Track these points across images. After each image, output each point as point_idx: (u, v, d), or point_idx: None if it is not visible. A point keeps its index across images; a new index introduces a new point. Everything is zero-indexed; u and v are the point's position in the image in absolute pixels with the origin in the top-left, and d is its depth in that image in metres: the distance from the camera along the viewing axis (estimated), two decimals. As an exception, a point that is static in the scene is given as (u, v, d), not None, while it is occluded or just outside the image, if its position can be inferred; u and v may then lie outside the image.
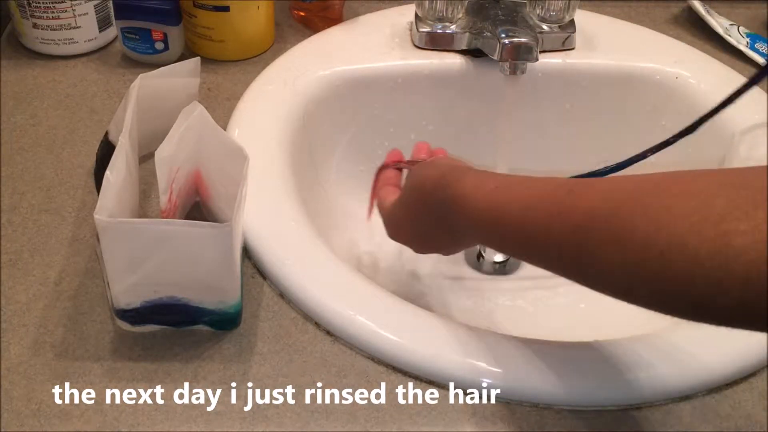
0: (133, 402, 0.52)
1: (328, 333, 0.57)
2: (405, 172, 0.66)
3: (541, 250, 0.46)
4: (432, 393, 0.54)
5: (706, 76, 0.78)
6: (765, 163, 0.39)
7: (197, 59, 0.66)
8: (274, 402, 0.53)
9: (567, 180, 0.46)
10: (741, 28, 0.86)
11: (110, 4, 0.78)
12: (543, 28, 0.77)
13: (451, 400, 0.53)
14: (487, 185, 0.50)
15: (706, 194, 0.37)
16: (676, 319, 0.59)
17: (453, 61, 0.77)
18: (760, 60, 0.82)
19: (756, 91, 0.77)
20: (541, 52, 0.72)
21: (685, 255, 0.37)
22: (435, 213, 0.54)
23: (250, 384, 0.53)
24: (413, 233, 0.59)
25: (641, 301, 0.41)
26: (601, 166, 0.65)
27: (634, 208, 0.39)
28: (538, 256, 0.47)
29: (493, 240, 0.50)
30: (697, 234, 0.36)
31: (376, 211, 0.65)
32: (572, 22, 0.78)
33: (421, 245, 0.60)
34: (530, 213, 0.45)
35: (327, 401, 0.53)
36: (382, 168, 0.67)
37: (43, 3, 0.75)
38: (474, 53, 0.77)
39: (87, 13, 0.77)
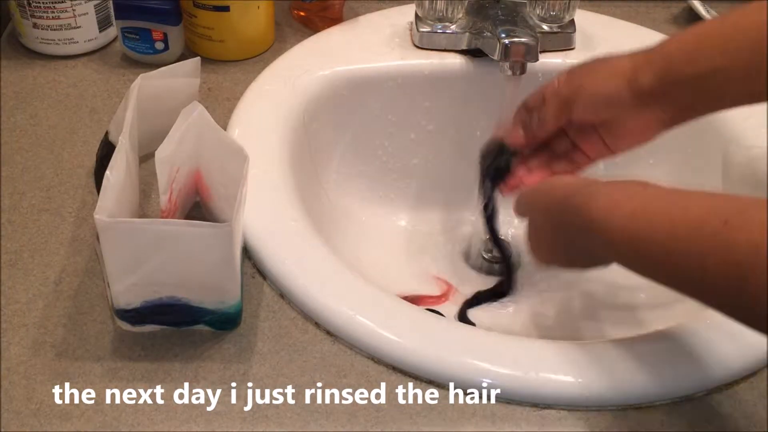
0: (133, 402, 0.52)
1: (328, 333, 0.57)
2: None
3: (694, 285, 0.44)
4: (432, 393, 0.54)
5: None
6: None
7: (197, 59, 0.66)
8: (274, 402, 0.53)
9: (716, 205, 0.43)
10: (741, 28, 0.86)
11: (110, 4, 0.78)
12: (543, 28, 0.77)
13: (451, 400, 0.53)
14: (623, 209, 0.46)
15: None
16: (675, 320, 0.59)
17: (453, 61, 0.77)
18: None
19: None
20: (541, 52, 0.72)
21: None
22: (571, 239, 0.51)
23: (250, 384, 0.53)
24: (558, 256, 0.57)
25: None
26: (599, 164, 0.64)
27: None
28: (690, 290, 0.44)
29: (637, 270, 0.47)
30: None
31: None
32: (572, 22, 0.78)
33: (572, 264, 0.57)
34: (680, 245, 0.43)
35: (327, 401, 0.53)
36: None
37: (43, 3, 0.75)
38: (474, 53, 0.77)
39: (87, 13, 0.77)
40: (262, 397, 0.53)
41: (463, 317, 0.71)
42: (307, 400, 0.53)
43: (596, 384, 0.53)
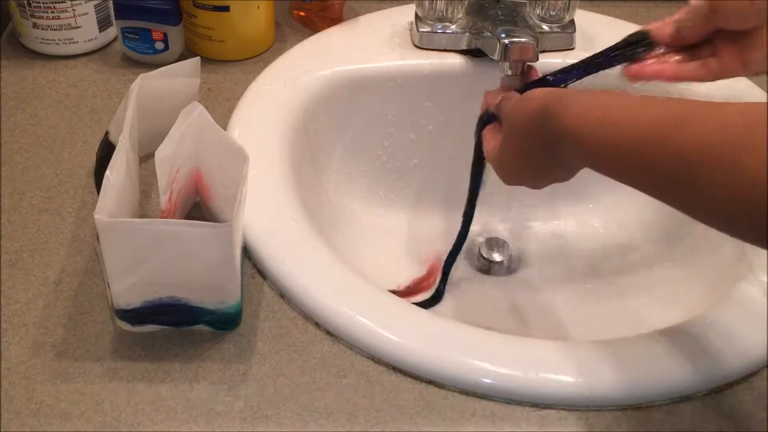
0: (133, 402, 0.52)
1: (328, 333, 0.57)
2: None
3: (650, 183, 0.47)
4: (432, 393, 0.54)
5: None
6: None
7: (197, 59, 0.66)
8: (274, 402, 0.53)
9: (672, 109, 0.46)
10: (741, 28, 0.86)
11: (110, 4, 0.78)
12: (543, 28, 0.77)
13: (451, 400, 0.53)
14: (593, 113, 0.50)
15: None
16: (675, 320, 0.59)
17: (453, 61, 0.77)
18: (760, 60, 0.82)
19: (757, 92, 0.77)
20: (541, 52, 0.72)
21: None
22: (545, 147, 0.54)
23: (250, 384, 0.53)
24: (527, 171, 0.58)
25: (744, 235, 0.42)
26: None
27: (743, 142, 0.40)
28: (648, 188, 0.47)
29: (603, 171, 0.50)
30: None
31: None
32: (572, 22, 0.78)
33: (537, 180, 0.59)
34: (639, 147, 0.46)
35: (327, 401, 0.53)
36: (481, 120, 0.66)
37: (43, 3, 0.75)
38: (474, 53, 0.77)
39: (87, 13, 0.77)
40: (262, 397, 0.53)
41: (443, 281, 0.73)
42: (307, 400, 0.53)
43: (596, 384, 0.53)
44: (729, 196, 0.41)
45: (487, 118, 0.65)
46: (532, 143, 0.55)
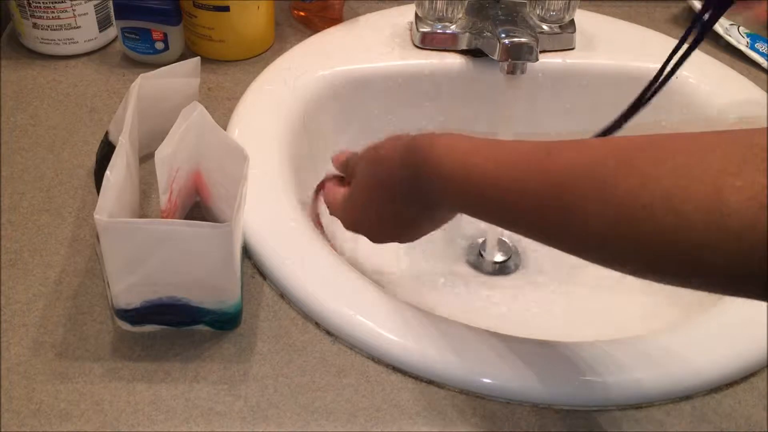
0: (133, 402, 0.52)
1: (328, 333, 0.57)
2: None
3: (518, 212, 0.44)
4: (432, 393, 0.54)
5: (706, 76, 0.78)
6: None
7: (197, 59, 0.66)
8: (274, 402, 0.53)
9: (547, 142, 0.44)
10: (741, 28, 0.86)
11: (110, 4, 0.78)
12: (543, 28, 0.77)
13: (450, 400, 0.53)
14: (461, 146, 0.48)
15: (701, 150, 0.36)
16: (675, 320, 0.59)
17: (453, 61, 0.77)
18: (760, 60, 0.82)
19: (757, 92, 0.77)
20: (541, 52, 0.72)
21: (671, 210, 0.35)
22: (404, 184, 0.51)
23: (250, 384, 0.53)
24: (378, 216, 0.56)
25: (626, 262, 0.40)
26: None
27: (618, 162, 0.38)
28: (516, 219, 0.45)
29: (467, 204, 0.48)
30: (685, 189, 0.35)
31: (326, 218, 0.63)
32: (572, 22, 0.78)
33: (387, 229, 0.57)
34: (506, 173, 0.44)
35: (327, 401, 0.53)
36: (321, 184, 0.65)
37: (43, 3, 0.75)
38: (474, 53, 0.77)
39: (87, 13, 0.77)
40: (262, 397, 0.53)
41: None
42: (307, 400, 0.53)
43: (596, 384, 0.53)
44: (603, 217, 0.38)
45: (323, 180, 0.64)
46: (388, 183, 0.53)
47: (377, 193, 0.55)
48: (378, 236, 0.59)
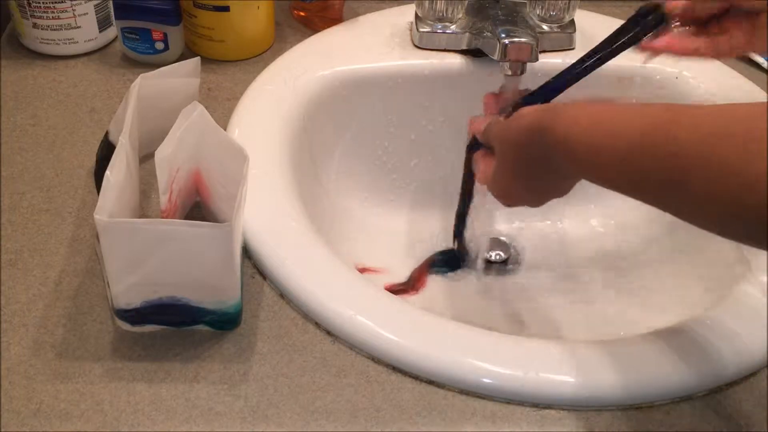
0: (133, 402, 0.52)
1: (328, 333, 0.57)
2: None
3: (642, 188, 0.47)
4: (432, 393, 0.54)
5: (706, 76, 0.78)
6: None
7: (197, 59, 0.66)
8: (274, 402, 0.53)
9: (658, 112, 0.46)
10: (741, 28, 0.86)
11: (110, 4, 0.78)
12: (543, 28, 0.77)
13: (451, 400, 0.53)
14: (581, 122, 0.50)
15: None
16: (675, 320, 0.59)
17: (453, 61, 0.77)
18: (760, 60, 0.82)
19: (757, 92, 0.77)
20: (541, 52, 0.72)
21: None
22: (538, 162, 0.54)
23: (250, 384, 0.53)
24: (524, 190, 0.59)
25: (738, 235, 0.42)
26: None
27: (727, 140, 0.40)
28: (640, 193, 0.47)
29: (596, 180, 0.50)
30: None
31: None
32: (572, 22, 0.78)
33: (536, 198, 0.59)
34: (629, 153, 0.46)
35: (327, 401, 0.53)
36: (469, 147, 0.67)
37: (43, 3, 0.75)
38: (474, 53, 0.77)
39: (87, 13, 0.77)
40: (262, 397, 0.53)
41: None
42: (307, 400, 0.53)
43: (596, 384, 0.53)
44: (720, 196, 0.41)
45: (474, 145, 0.65)
46: (526, 161, 0.55)
47: (517, 171, 0.57)
48: (536, 203, 0.60)
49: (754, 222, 0.39)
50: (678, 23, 0.63)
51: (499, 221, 0.81)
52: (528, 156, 0.55)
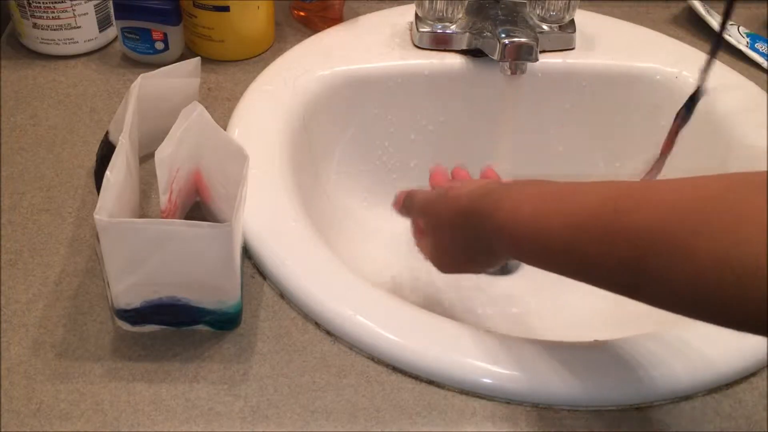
0: (133, 402, 0.52)
1: (328, 333, 0.57)
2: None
3: (596, 275, 0.45)
4: (432, 393, 0.54)
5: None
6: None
7: (197, 59, 0.66)
8: (274, 402, 0.53)
9: (607, 194, 0.44)
10: (741, 28, 0.86)
11: (110, 4, 0.78)
12: (543, 28, 0.77)
13: (451, 400, 0.53)
14: (523, 211, 0.48)
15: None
16: (675, 319, 0.59)
17: (453, 61, 0.77)
18: (760, 60, 0.82)
19: (757, 92, 0.77)
20: (541, 52, 0.72)
21: (760, 278, 0.35)
22: (479, 245, 0.53)
23: (250, 384, 0.53)
24: (465, 264, 0.58)
25: (709, 317, 0.40)
26: (600, 163, 0.65)
27: (697, 226, 0.38)
28: (593, 279, 0.45)
29: (544, 266, 0.49)
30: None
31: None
32: (572, 22, 0.78)
33: (478, 269, 0.60)
34: (577, 238, 0.44)
35: (327, 401, 0.53)
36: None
37: (43, 3, 0.75)
38: (474, 53, 0.77)
39: (87, 13, 0.77)
40: (262, 397, 0.53)
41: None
42: (307, 400, 0.53)
43: (596, 384, 0.53)
44: (687, 282, 0.38)
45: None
46: (461, 241, 0.55)
47: (451, 249, 0.57)
48: (472, 271, 0.60)
49: (738, 309, 0.37)
50: None
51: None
52: (463, 237, 0.54)
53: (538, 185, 0.50)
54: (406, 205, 0.62)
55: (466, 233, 0.53)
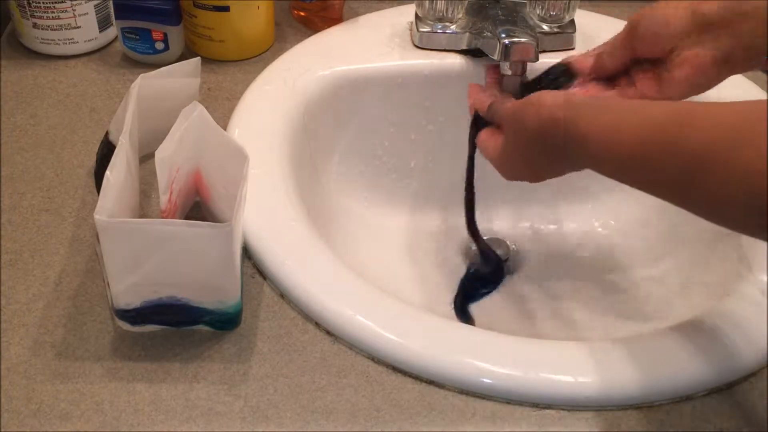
0: (133, 402, 0.52)
1: (328, 333, 0.57)
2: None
3: (655, 184, 0.49)
4: (432, 393, 0.54)
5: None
6: None
7: (197, 59, 0.66)
8: (274, 402, 0.53)
9: (673, 109, 0.48)
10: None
11: (110, 4, 0.78)
12: (543, 28, 0.77)
13: (451, 400, 0.53)
14: (602, 120, 0.52)
15: None
16: (675, 320, 0.59)
17: (453, 61, 0.77)
18: (760, 60, 0.82)
19: (757, 92, 0.77)
20: (541, 52, 0.72)
21: None
22: (556, 152, 0.55)
23: (250, 384, 0.53)
24: (531, 170, 0.60)
25: (748, 229, 0.44)
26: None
27: (743, 140, 0.42)
28: (653, 189, 0.49)
29: (610, 174, 0.52)
30: None
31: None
32: (572, 22, 0.78)
33: (541, 177, 0.61)
34: (644, 150, 0.48)
35: (327, 401, 0.53)
36: (475, 123, 0.68)
37: (43, 3, 0.75)
38: (474, 53, 0.77)
39: (87, 13, 0.77)
40: (262, 397, 0.53)
41: (464, 311, 0.73)
42: (307, 400, 0.53)
43: (596, 384, 0.53)
44: (731, 192, 0.42)
45: (479, 121, 0.66)
46: (539, 148, 0.56)
47: (527, 155, 0.59)
48: (535, 179, 0.62)
49: None
50: (588, 79, 0.65)
51: (499, 221, 0.81)
52: (543, 145, 0.56)
53: (614, 99, 0.56)
54: (492, 109, 0.64)
55: (546, 140, 0.55)
